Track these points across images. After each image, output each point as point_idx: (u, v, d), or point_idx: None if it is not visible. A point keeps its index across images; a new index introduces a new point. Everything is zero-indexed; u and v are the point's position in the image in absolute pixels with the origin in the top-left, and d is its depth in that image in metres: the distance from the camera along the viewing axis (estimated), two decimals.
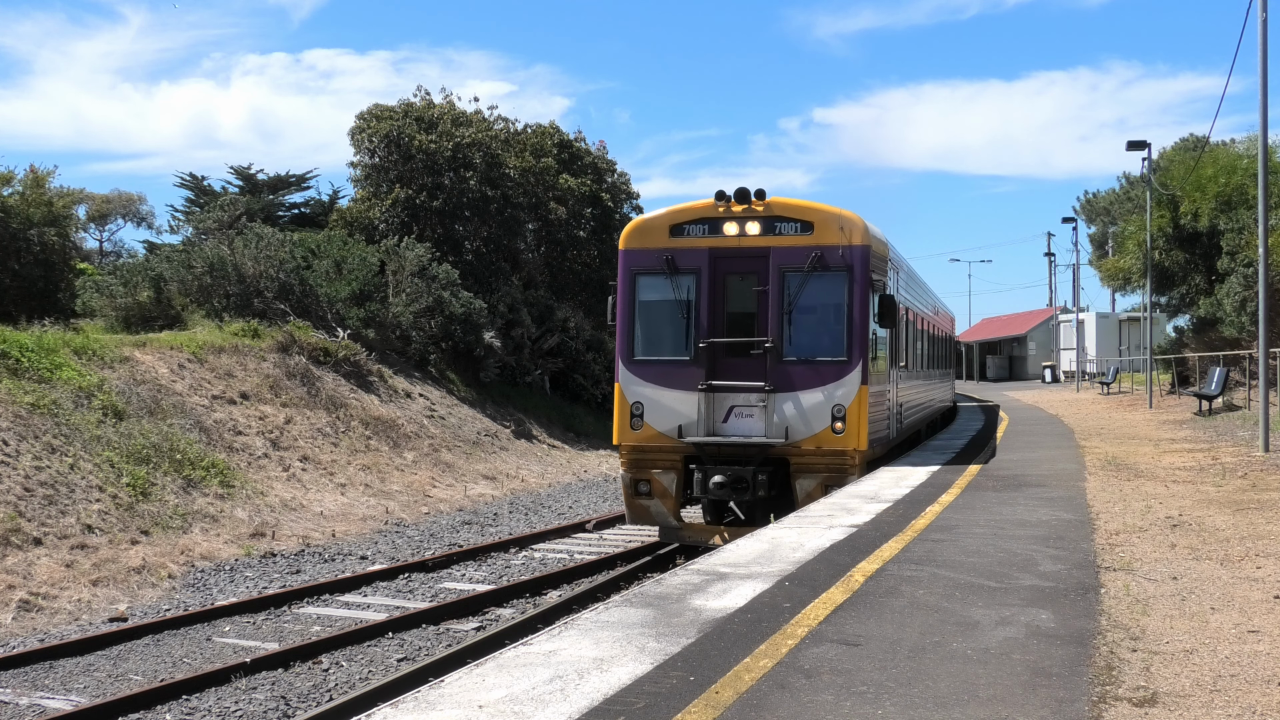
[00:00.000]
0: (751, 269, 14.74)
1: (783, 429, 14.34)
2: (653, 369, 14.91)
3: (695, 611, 6.90)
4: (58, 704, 9.99)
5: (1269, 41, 18.53)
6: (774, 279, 14.53)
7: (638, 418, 14.93)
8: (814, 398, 14.30)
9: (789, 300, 14.51)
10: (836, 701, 5.18)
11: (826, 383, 14.28)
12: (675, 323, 14.96)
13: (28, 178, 34.40)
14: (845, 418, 14.22)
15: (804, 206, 14.81)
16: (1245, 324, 32.94)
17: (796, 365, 14.41)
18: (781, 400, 14.39)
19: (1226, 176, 35.68)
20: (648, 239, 15.18)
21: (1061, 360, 70.06)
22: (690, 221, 15.05)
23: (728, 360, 14.73)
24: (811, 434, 14.31)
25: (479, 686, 5.38)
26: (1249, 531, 10.37)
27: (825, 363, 14.35)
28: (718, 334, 14.77)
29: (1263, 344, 19.63)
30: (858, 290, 14.35)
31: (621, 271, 15.33)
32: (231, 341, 25.57)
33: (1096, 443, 21.33)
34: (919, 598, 7.35)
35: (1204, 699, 5.38)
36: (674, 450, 14.83)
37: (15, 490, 15.83)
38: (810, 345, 14.52)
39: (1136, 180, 55.37)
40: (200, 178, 49.35)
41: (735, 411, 14.65)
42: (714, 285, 14.80)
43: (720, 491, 14.40)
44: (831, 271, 14.43)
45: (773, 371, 14.46)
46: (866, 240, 14.50)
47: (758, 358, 14.56)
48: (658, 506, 15.07)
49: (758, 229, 14.69)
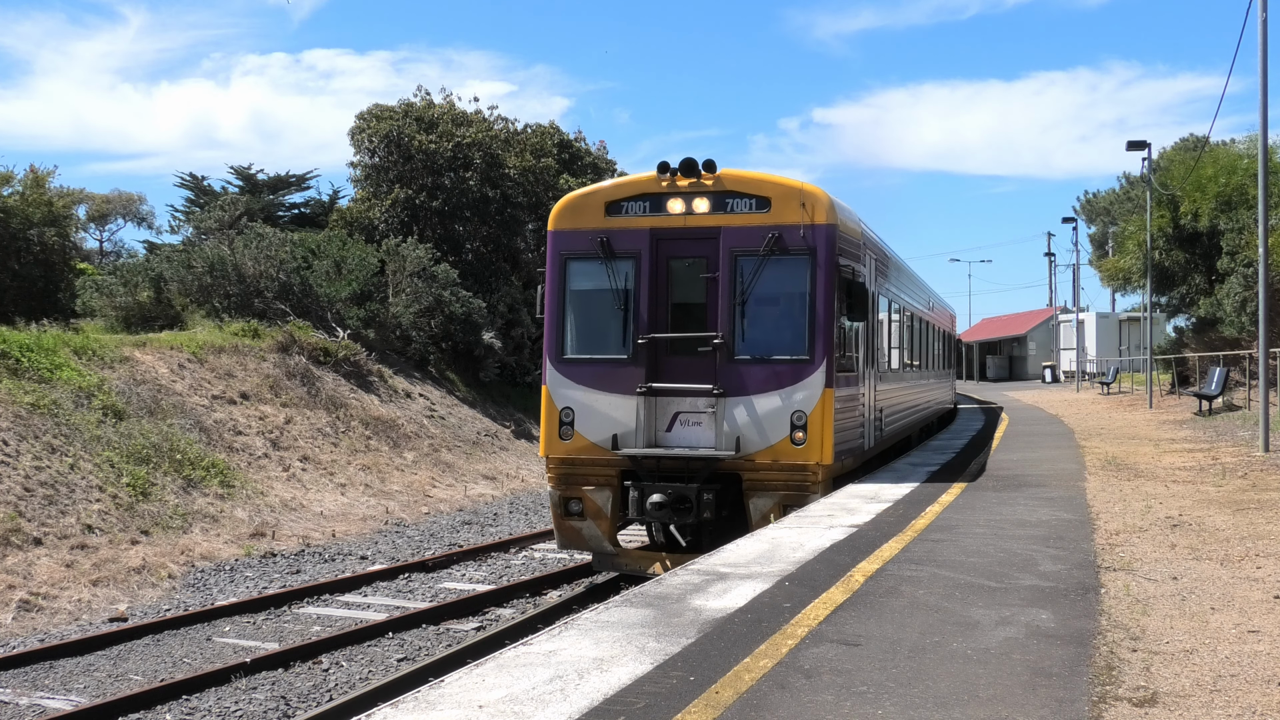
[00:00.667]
0: (699, 252, 12.91)
1: (734, 439, 12.53)
2: (585, 369, 13.12)
3: (695, 611, 6.90)
4: (58, 704, 9.99)
5: (1269, 41, 18.53)
6: (725, 264, 12.72)
7: (567, 425, 13.12)
8: (770, 403, 12.50)
9: (742, 289, 12.68)
10: (836, 701, 5.17)
11: (785, 385, 12.50)
12: (611, 315, 13.15)
13: (28, 178, 34.41)
14: (807, 426, 12.40)
15: (760, 180, 12.90)
16: (1245, 324, 32.94)
17: (750, 365, 12.62)
18: (733, 406, 12.58)
19: (1226, 176, 35.68)
20: (580, 218, 13.31)
21: (1061, 360, 70.06)
22: (629, 198, 13.19)
23: (672, 359, 12.96)
24: (767, 445, 12.50)
25: (479, 686, 5.38)
26: (1249, 531, 10.37)
27: (783, 362, 12.57)
28: (660, 328, 12.98)
29: (1263, 344, 19.62)
30: (822, 277, 12.52)
31: (550, 256, 13.50)
32: (231, 341, 25.57)
33: (1096, 443, 21.33)
34: (919, 598, 7.35)
35: (1204, 699, 5.38)
36: (609, 464, 13.00)
37: (15, 490, 15.83)
38: (766, 342, 12.73)
39: (1136, 180, 55.37)
40: (200, 178, 49.41)
41: (680, 419, 12.89)
42: (656, 271, 12.98)
43: (659, 513, 12.51)
44: (791, 255, 12.60)
45: (723, 372, 12.66)
46: (832, 219, 12.67)
47: (706, 356, 12.75)
48: (591, 529, 13.21)
49: (707, 206, 12.86)
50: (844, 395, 13.08)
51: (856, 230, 13.94)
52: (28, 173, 34.58)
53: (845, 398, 13.17)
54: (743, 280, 12.69)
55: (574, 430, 13.11)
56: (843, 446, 13.09)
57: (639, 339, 12.89)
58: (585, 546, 13.46)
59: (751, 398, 12.55)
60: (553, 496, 13.43)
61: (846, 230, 13.27)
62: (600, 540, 13.26)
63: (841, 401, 12.91)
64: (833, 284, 12.60)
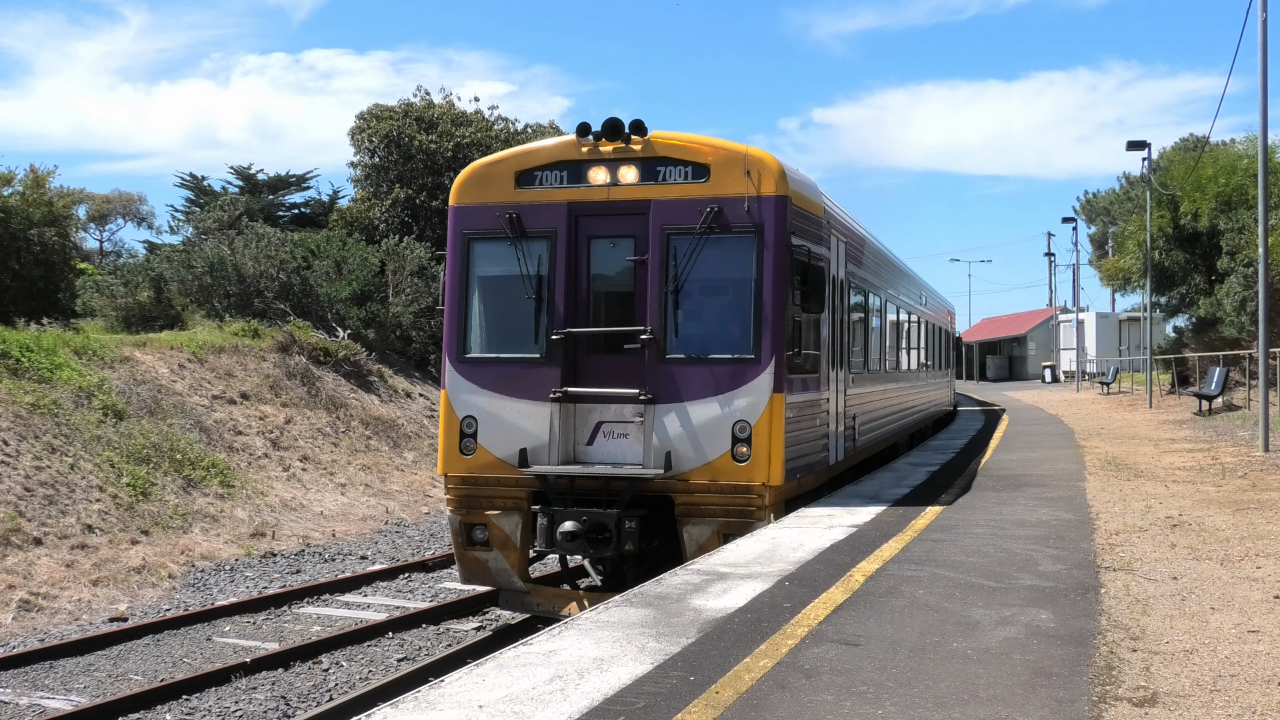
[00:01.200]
0: (626, 231, 11.16)
1: (664, 455, 10.68)
2: (490, 371, 11.38)
3: (695, 611, 6.90)
4: (58, 704, 9.99)
5: (1269, 41, 18.54)
6: (655, 244, 10.94)
7: (469, 438, 11.38)
8: (708, 410, 10.71)
9: (675, 274, 10.89)
10: (836, 701, 5.18)
11: (725, 389, 10.71)
12: (521, 306, 11.37)
13: (28, 178, 34.38)
14: (751, 439, 10.62)
15: (697, 143, 11.08)
16: (1245, 324, 32.95)
17: (685, 365, 10.83)
18: (663, 414, 10.79)
19: (1226, 176, 35.70)
20: (487, 191, 11.56)
21: (1061, 360, 70.10)
22: (543, 166, 11.42)
23: (593, 359, 11.24)
24: (704, 462, 10.69)
25: (479, 686, 5.38)
26: (1249, 531, 10.37)
27: (724, 362, 10.79)
28: (579, 321, 11.23)
29: (1263, 344, 19.62)
30: (770, 259, 10.72)
31: (451, 236, 11.80)
32: (231, 341, 25.57)
33: (1096, 443, 21.33)
34: (919, 597, 7.35)
35: (1204, 699, 5.38)
36: (517, 484, 11.15)
37: (15, 490, 15.83)
38: (704, 337, 11.00)
39: (1136, 180, 55.38)
40: (200, 178, 49.41)
41: (604, 430, 11.13)
42: (574, 253, 11.25)
43: (570, 545, 10.63)
44: (734, 233, 10.83)
45: (653, 374, 10.86)
46: (782, 189, 10.82)
47: (634, 355, 10.98)
48: (498, 561, 11.38)
49: (635, 175, 11.12)
50: (800, 401, 11.32)
51: (817, 206, 12.10)
52: (28, 173, 34.55)
53: (802, 404, 11.41)
54: (676, 263, 10.89)
55: (477, 443, 11.34)
56: (798, 462, 11.33)
57: (553, 334, 11.14)
58: (493, 581, 11.60)
59: (686, 405, 10.77)
60: (452, 522, 11.59)
61: (803, 204, 11.45)
62: (509, 575, 11.42)
63: (796, 408, 11.16)
64: (784, 268, 10.76)
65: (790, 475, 10.99)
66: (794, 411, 11.06)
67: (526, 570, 11.52)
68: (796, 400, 11.15)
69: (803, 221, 11.34)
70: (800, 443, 11.38)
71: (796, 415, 11.16)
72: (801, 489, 11.67)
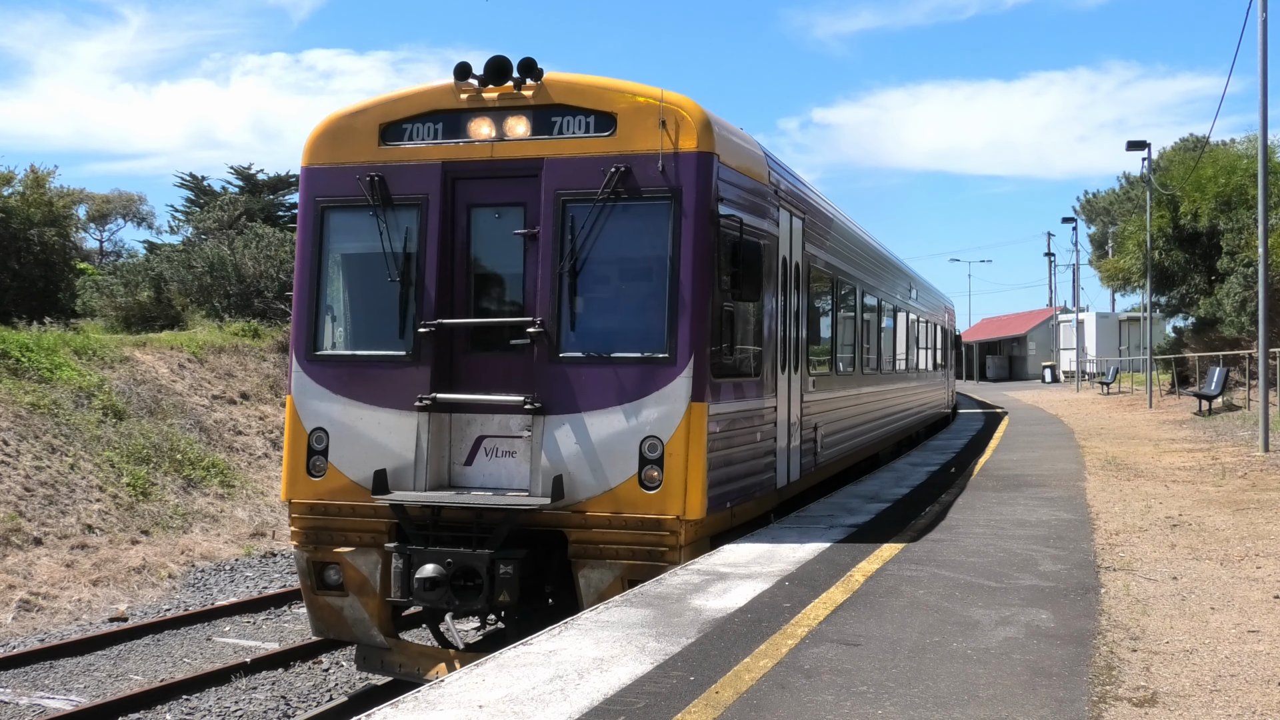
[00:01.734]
0: (514, 197, 9.15)
1: (553, 479, 8.56)
2: (345, 372, 9.32)
3: (695, 611, 6.90)
4: (58, 704, 10.00)
5: (1269, 41, 18.55)
6: (549, 214, 8.91)
7: (319, 455, 9.30)
8: (610, 423, 8.66)
9: (572, 252, 8.86)
10: (836, 701, 5.18)
11: (631, 397, 8.66)
12: (385, 292, 9.35)
13: (28, 178, 34.39)
14: (663, 460, 8.57)
15: (601, 88, 9.04)
16: (1245, 324, 32.97)
17: (584, 366, 8.78)
18: (555, 427, 8.73)
19: (1226, 176, 35.73)
20: (345, 148, 9.54)
21: (1061, 360, 70.14)
22: (414, 117, 9.42)
23: (473, 358, 9.25)
24: (606, 488, 8.64)
25: (479, 686, 5.38)
26: (1249, 531, 10.37)
27: (630, 362, 8.73)
28: (455, 311, 9.25)
29: (1262, 344, 19.63)
30: (690, 232, 8.68)
31: (302, 205, 9.76)
32: (231, 341, 25.59)
33: (1096, 443, 21.33)
34: (919, 597, 7.35)
35: (1204, 699, 5.38)
36: (377, 513, 9.04)
37: (15, 490, 15.83)
38: (607, 331, 8.98)
39: (1136, 180, 55.40)
40: (200, 178, 49.46)
41: (486, 446, 9.09)
42: (450, 226, 9.27)
43: (431, 594, 8.48)
44: (645, 199, 8.80)
45: (543, 377, 8.79)
46: (707, 144, 8.80)
47: (522, 352, 8.94)
48: (355, 609, 9.26)
49: (525, 128, 9.11)
50: (731, 411, 9.29)
51: (758, 169, 10.03)
52: (28, 173, 34.55)
53: (735, 414, 9.39)
54: (574, 238, 8.86)
55: (328, 462, 9.27)
56: (729, 487, 9.27)
57: (422, 326, 9.09)
58: (349, 633, 9.43)
59: (583, 416, 8.71)
60: (298, 561, 9.46)
61: (737, 164, 9.43)
62: (367, 626, 9.26)
63: (726, 420, 9.15)
64: (707, 243, 8.77)
65: (717, 504, 8.95)
66: (722, 424, 9.02)
67: (389, 620, 9.33)
68: (726, 410, 9.15)
69: (737, 187, 9.38)
70: (733, 462, 9.34)
71: (727, 428, 9.15)
72: (737, 519, 9.61)
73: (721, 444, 9.02)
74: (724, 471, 9.09)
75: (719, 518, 9.12)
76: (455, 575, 8.49)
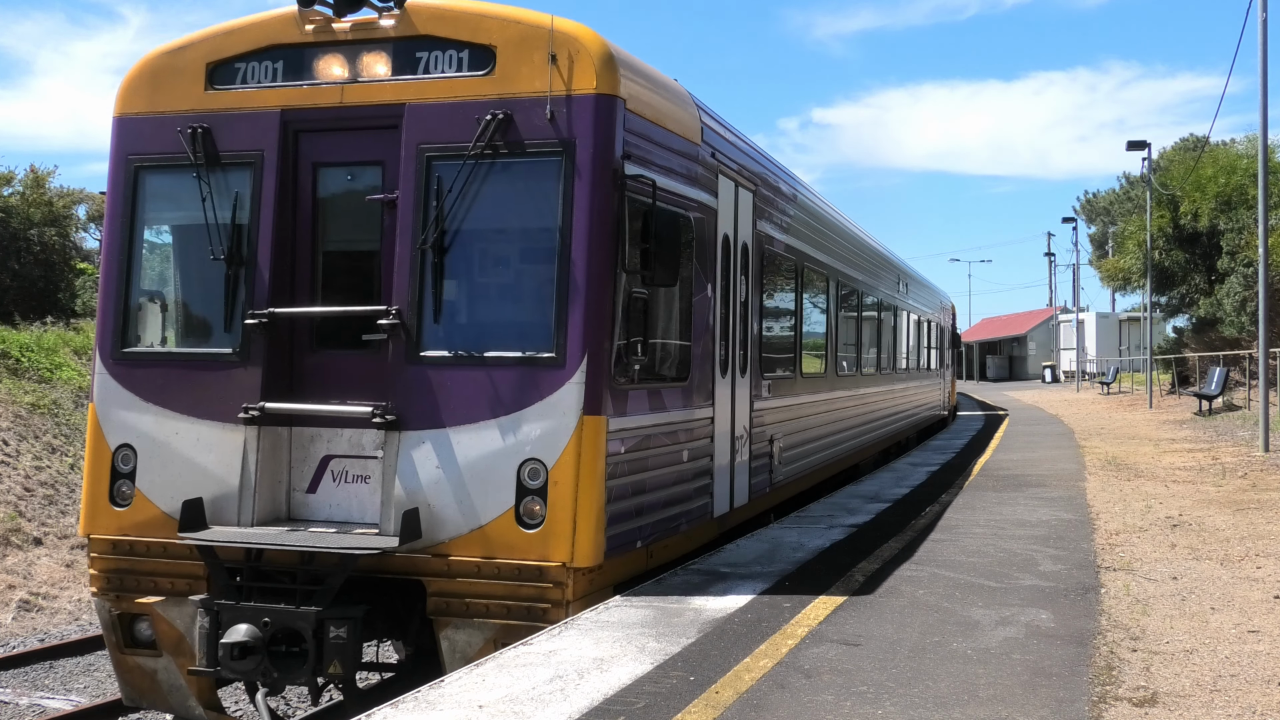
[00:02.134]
0: (370, 154, 7.48)
1: (405, 515, 6.85)
2: (158, 375, 7.59)
3: (695, 611, 6.90)
4: (58, 704, 10.00)
5: (1269, 41, 18.56)
6: (410, 174, 7.23)
7: (124, 479, 7.56)
8: (482, 442, 6.95)
9: (438, 222, 7.15)
10: (836, 701, 5.18)
11: (509, 408, 6.95)
12: (208, 274, 7.62)
13: (28, 178, 34.43)
14: (547, 489, 6.87)
15: (477, 14, 7.33)
16: (1245, 324, 33.00)
17: (450, 369, 7.08)
18: (414, 446, 7.03)
19: (1226, 176, 35.78)
20: (164, 93, 7.77)
21: (1061, 360, 70.20)
22: (248, 54, 7.66)
23: (319, 356, 7.52)
24: (474, 526, 6.93)
25: (479, 686, 5.38)
26: (1249, 531, 10.37)
27: (509, 364, 7.01)
28: (296, 297, 7.55)
29: (1263, 344, 19.63)
30: (588, 197, 6.97)
31: (111, 163, 7.94)
32: None
33: (1096, 443, 21.34)
34: (919, 598, 7.36)
35: (1204, 699, 5.38)
36: (194, 554, 7.22)
37: (15, 490, 15.84)
38: (480, 325, 7.33)
39: (1136, 180, 55.44)
40: None
41: (334, 469, 7.36)
42: (290, 190, 7.56)
43: (241, 664, 6.76)
44: (530, 155, 7.11)
45: (399, 381, 7.12)
46: (611, 85, 7.13)
47: (378, 350, 7.26)
48: (169, 673, 7.54)
49: (385, 66, 7.42)
50: (642, 426, 7.53)
51: (687, 122, 8.31)
52: (28, 173, 34.60)
53: (649, 430, 7.64)
54: (440, 205, 7.15)
55: (135, 488, 7.51)
56: (641, 521, 7.53)
57: (251, 316, 7.37)
58: (164, 703, 7.70)
59: (449, 432, 6.99)
60: (100, 611, 7.69)
61: (654, 115, 7.68)
62: (184, 695, 7.52)
63: (634, 437, 7.40)
64: (610, 211, 7.04)
65: (622, 544, 7.28)
66: (629, 442, 7.32)
67: (210, 689, 7.55)
68: (636, 424, 7.44)
69: (653, 143, 7.67)
70: (647, 489, 7.64)
71: (637, 447, 7.45)
72: (656, 559, 7.98)
73: (629, 467, 7.33)
74: (633, 503, 7.41)
75: (626, 561, 7.47)
76: (274, 639, 6.76)
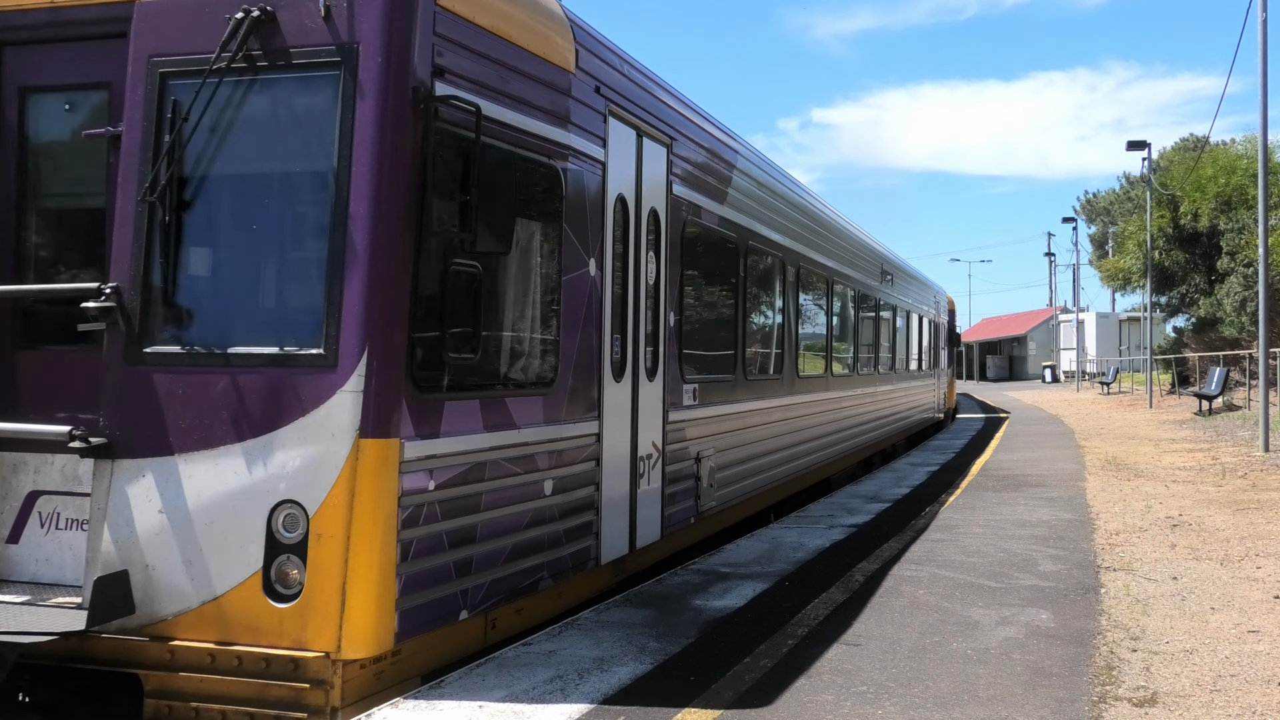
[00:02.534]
0: (94, 74, 5.60)
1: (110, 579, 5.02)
2: None
3: (695, 611, 6.91)
4: None
5: (1269, 41, 18.56)
6: (136, 99, 5.34)
7: None
8: (220, 475, 5.05)
9: (171, 165, 5.25)
10: (836, 701, 5.18)
11: (260, 428, 5.02)
12: None
13: None
14: (307, 545, 4.94)
15: None
16: (1245, 324, 33.00)
17: (183, 372, 5.16)
18: (130, 480, 5.12)
19: (1226, 176, 35.78)
20: None
21: (1061, 360, 70.19)
22: None
23: (26, 354, 5.70)
24: (208, 597, 5.02)
25: (479, 686, 5.38)
26: (1249, 531, 10.37)
27: (260, 363, 5.08)
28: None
29: (1263, 344, 19.63)
30: (374, 125, 5.03)
31: None
32: None
33: (1096, 443, 21.34)
34: (919, 598, 7.36)
35: (1204, 699, 5.38)
36: None
37: None
38: (225, 309, 5.32)
39: (1136, 180, 55.45)
40: None
41: (42, 509, 5.48)
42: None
43: None
44: (296, 69, 5.17)
45: (117, 388, 5.23)
46: None
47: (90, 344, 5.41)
48: None
49: None
50: (471, 450, 5.60)
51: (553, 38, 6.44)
52: None
53: (484, 457, 5.72)
54: (176, 141, 5.25)
55: None
56: (469, 582, 5.63)
57: None
58: None
59: (177, 460, 5.09)
60: None
61: (485, 17, 5.71)
62: None
63: (456, 466, 5.49)
64: (408, 145, 5.13)
65: (432, 617, 5.37)
66: (446, 473, 5.40)
67: None
68: (458, 449, 5.49)
69: (486, 57, 5.71)
70: (480, 538, 5.71)
71: (460, 478, 5.52)
72: (502, 630, 6.16)
73: (447, 508, 5.41)
74: (452, 557, 5.47)
75: (444, 638, 5.58)
76: None
